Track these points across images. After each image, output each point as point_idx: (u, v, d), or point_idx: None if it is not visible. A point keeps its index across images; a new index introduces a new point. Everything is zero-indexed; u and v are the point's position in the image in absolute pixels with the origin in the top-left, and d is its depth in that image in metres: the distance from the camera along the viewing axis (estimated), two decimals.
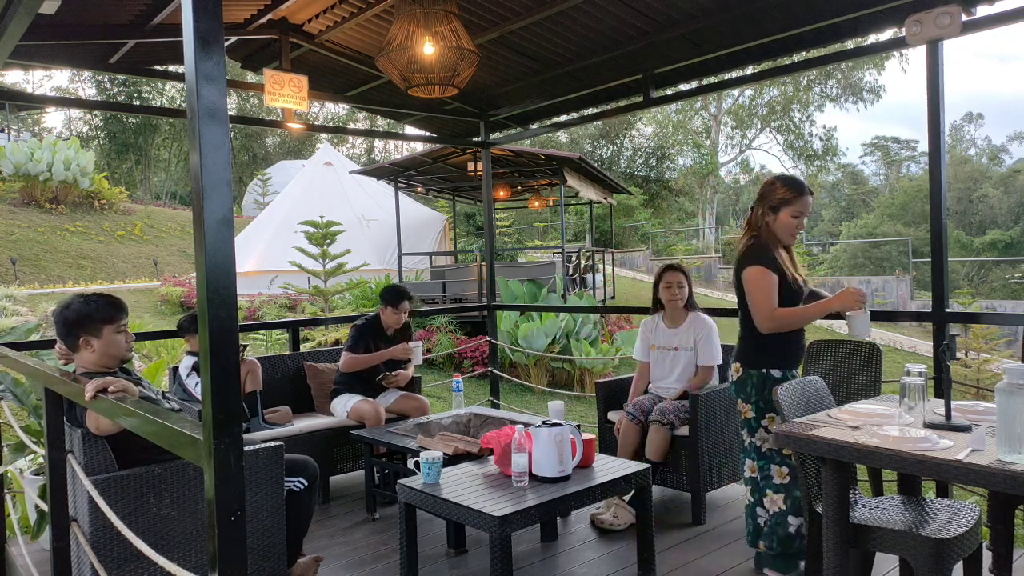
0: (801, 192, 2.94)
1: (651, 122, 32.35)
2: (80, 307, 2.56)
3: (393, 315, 4.45)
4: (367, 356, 4.36)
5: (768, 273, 2.89)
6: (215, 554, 1.27)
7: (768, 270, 2.90)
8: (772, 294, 2.89)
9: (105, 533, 2.36)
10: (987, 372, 10.80)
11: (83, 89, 30.62)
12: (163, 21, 4.24)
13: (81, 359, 2.59)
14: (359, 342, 4.38)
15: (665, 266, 4.03)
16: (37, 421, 3.85)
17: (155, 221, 21.46)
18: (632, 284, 21.41)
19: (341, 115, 34.54)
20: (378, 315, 4.49)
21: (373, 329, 4.45)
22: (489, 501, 2.65)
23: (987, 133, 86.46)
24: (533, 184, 14.97)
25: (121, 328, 2.60)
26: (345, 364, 4.33)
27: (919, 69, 5.57)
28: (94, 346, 2.56)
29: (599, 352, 11.06)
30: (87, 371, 2.56)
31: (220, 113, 1.24)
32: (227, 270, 1.26)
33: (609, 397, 4.23)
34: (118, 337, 2.59)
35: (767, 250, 2.93)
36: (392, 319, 4.46)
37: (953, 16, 3.27)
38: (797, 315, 2.91)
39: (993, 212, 33.54)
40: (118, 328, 2.59)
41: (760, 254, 2.93)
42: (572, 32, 4.49)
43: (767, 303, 2.88)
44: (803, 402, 2.66)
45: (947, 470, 1.91)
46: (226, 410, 1.25)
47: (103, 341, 2.56)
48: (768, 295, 2.88)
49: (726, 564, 3.19)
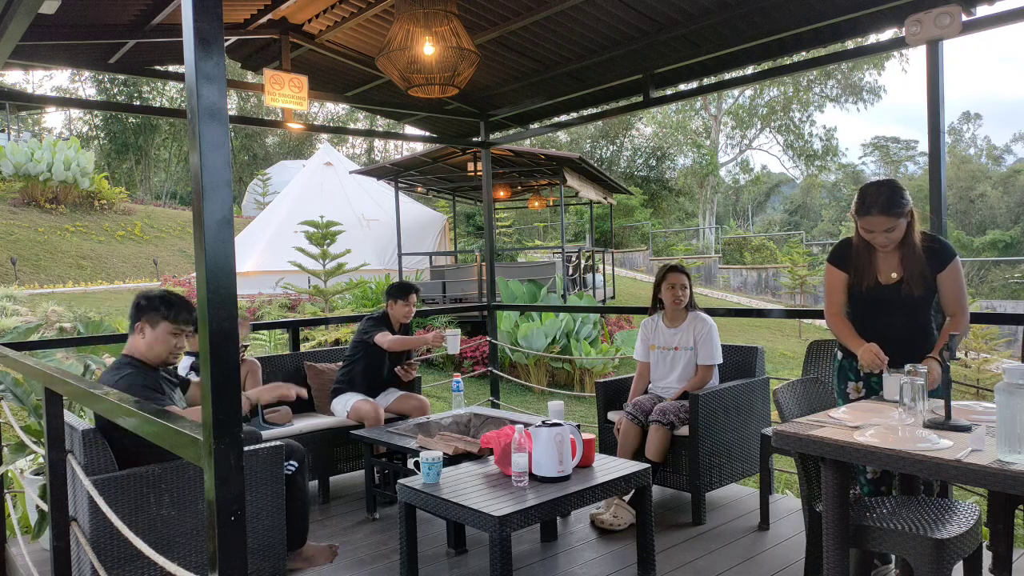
0: (862, 212, 2.69)
1: (651, 122, 32.35)
2: (155, 296, 2.72)
3: (403, 307, 4.47)
4: (410, 338, 4.41)
5: (832, 271, 2.87)
6: (215, 554, 1.27)
7: (834, 268, 2.87)
8: (831, 292, 2.88)
9: (105, 533, 2.36)
10: (987, 372, 10.80)
11: (83, 89, 30.62)
12: (163, 21, 4.24)
13: (132, 342, 2.72)
14: (385, 327, 4.41)
15: (668, 267, 4.02)
16: (37, 421, 3.85)
17: (155, 221, 21.45)
18: (632, 284, 21.42)
19: (341, 115, 34.54)
20: (385, 312, 4.50)
21: (385, 322, 4.47)
22: (489, 501, 2.65)
23: (987, 133, 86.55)
24: (533, 184, 14.97)
25: (179, 332, 2.70)
26: (392, 344, 4.32)
27: (919, 69, 5.57)
28: (146, 335, 2.69)
29: (599, 352, 11.06)
30: (132, 358, 2.70)
31: (220, 113, 1.24)
32: (227, 270, 1.26)
33: (609, 397, 4.23)
34: (171, 339, 2.69)
35: (847, 247, 2.85)
36: (401, 312, 4.47)
37: (953, 16, 3.27)
38: (837, 327, 2.86)
39: (993, 212, 33.54)
40: (176, 331, 2.70)
41: (838, 250, 2.90)
42: (572, 32, 4.49)
43: (826, 300, 2.90)
44: (803, 402, 2.67)
45: (947, 470, 1.91)
46: (226, 410, 1.25)
47: (155, 334, 2.68)
48: (827, 292, 2.90)
49: (726, 564, 3.19)
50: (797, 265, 21.44)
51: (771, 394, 3.75)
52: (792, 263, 21.69)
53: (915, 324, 2.77)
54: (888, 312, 2.79)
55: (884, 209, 2.63)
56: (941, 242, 2.77)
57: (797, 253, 22.57)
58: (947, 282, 2.70)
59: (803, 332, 17.13)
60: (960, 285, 2.72)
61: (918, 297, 2.73)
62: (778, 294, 21.94)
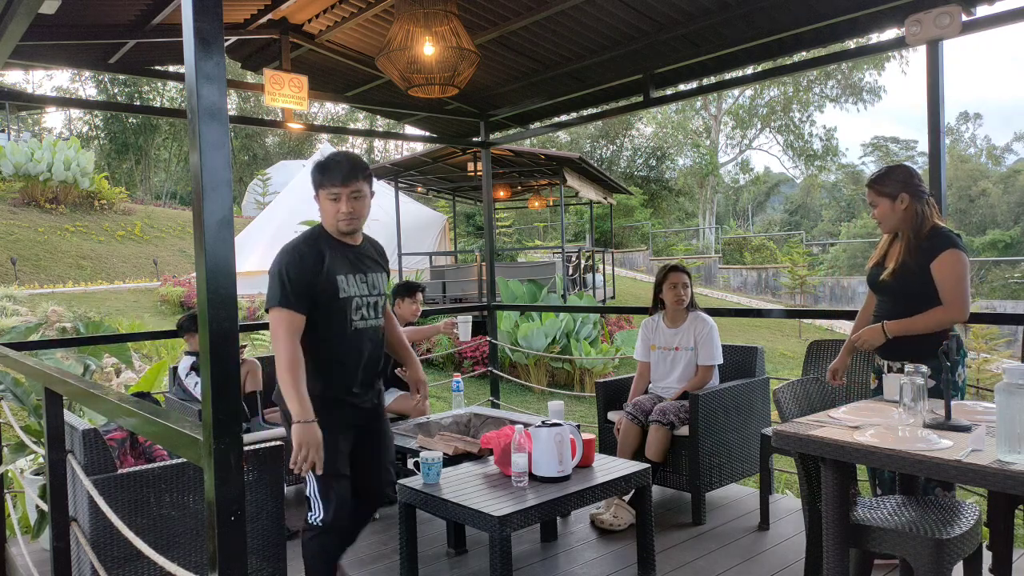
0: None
1: (651, 122, 32.35)
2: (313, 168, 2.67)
3: (411, 306, 4.52)
4: (423, 328, 4.48)
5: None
6: (215, 554, 1.27)
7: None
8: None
9: (105, 533, 2.36)
10: (987, 372, 10.79)
11: (84, 89, 30.62)
12: (163, 21, 4.24)
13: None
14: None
15: (669, 267, 4.02)
16: (37, 421, 3.85)
17: (155, 221, 21.44)
18: (632, 284, 21.41)
19: (341, 115, 34.52)
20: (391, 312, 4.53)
21: None
22: (489, 501, 2.65)
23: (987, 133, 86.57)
24: (533, 184, 14.97)
25: (332, 196, 2.60)
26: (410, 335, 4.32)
27: (919, 70, 5.57)
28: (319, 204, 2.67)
29: (599, 352, 11.06)
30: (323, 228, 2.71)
31: (220, 113, 1.23)
32: (227, 270, 1.26)
33: (609, 397, 4.23)
34: (329, 203, 2.61)
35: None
36: (409, 310, 4.52)
37: (953, 16, 3.27)
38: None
39: (993, 212, 33.54)
40: (328, 194, 2.60)
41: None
42: (572, 32, 4.49)
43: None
44: (803, 402, 2.67)
45: (947, 470, 1.91)
46: (226, 410, 1.25)
47: (320, 201, 2.65)
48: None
49: (726, 564, 3.19)
50: (797, 265, 21.43)
51: (771, 394, 3.75)
52: (792, 263, 21.69)
53: (903, 316, 2.75)
54: (884, 302, 2.88)
55: (869, 182, 2.90)
56: (942, 234, 2.74)
57: (797, 253, 22.57)
58: (936, 272, 2.69)
59: (803, 332, 17.13)
60: (949, 276, 2.67)
61: (907, 288, 2.75)
62: (778, 294, 21.94)
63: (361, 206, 2.62)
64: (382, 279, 2.79)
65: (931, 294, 2.69)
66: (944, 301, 2.66)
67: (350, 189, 2.57)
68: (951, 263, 2.66)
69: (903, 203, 2.76)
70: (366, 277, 2.70)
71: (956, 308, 2.65)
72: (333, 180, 2.57)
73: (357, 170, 2.59)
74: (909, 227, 2.76)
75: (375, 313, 2.72)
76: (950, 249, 2.68)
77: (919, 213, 2.75)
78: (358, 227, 2.68)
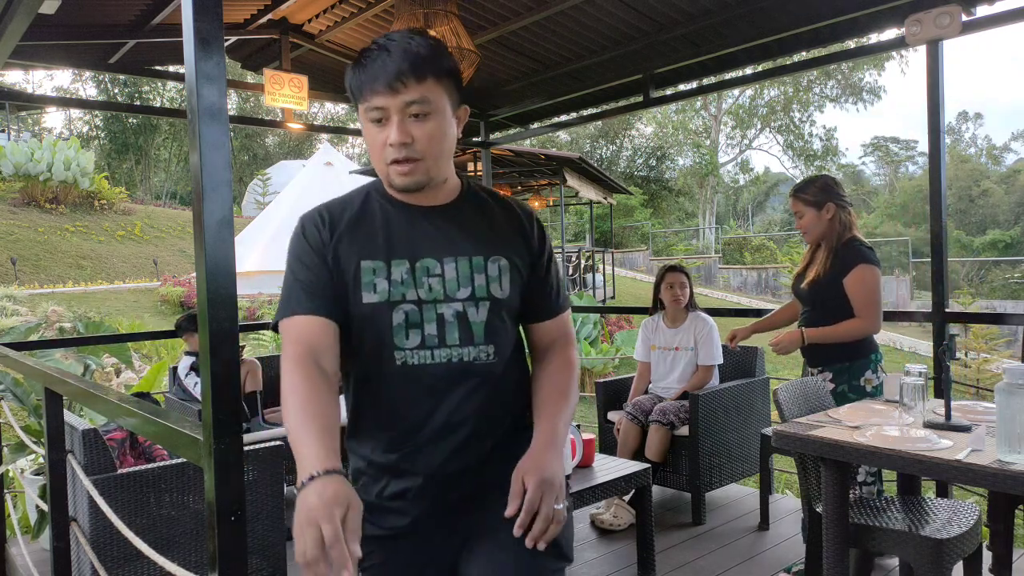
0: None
1: (651, 122, 32.36)
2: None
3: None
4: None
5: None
6: (215, 554, 1.27)
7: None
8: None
9: (105, 533, 2.36)
10: (987, 372, 10.79)
11: (84, 89, 30.63)
12: (163, 21, 4.24)
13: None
14: None
15: (667, 267, 4.03)
16: (37, 421, 3.85)
17: (155, 221, 21.44)
18: (632, 284, 21.41)
19: (341, 115, 34.53)
20: None
21: None
22: None
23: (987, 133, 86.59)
24: (533, 184, 14.98)
25: (374, 115, 1.37)
26: None
27: (919, 70, 5.57)
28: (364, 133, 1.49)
29: (599, 352, 11.05)
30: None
31: (220, 113, 1.23)
32: (227, 270, 1.26)
33: (609, 397, 4.23)
34: (370, 130, 1.39)
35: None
36: None
37: (953, 16, 3.27)
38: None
39: (993, 211, 33.55)
40: (368, 111, 1.37)
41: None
42: (572, 32, 4.49)
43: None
44: (803, 402, 2.67)
45: (947, 470, 1.91)
46: (226, 410, 1.25)
47: (363, 127, 1.43)
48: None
49: (726, 564, 3.19)
50: (797, 265, 21.43)
51: (771, 394, 3.75)
52: (792, 263, 21.69)
53: (820, 324, 2.91)
54: (806, 310, 3.02)
55: (794, 192, 3.02)
56: (855, 249, 2.87)
57: (797, 253, 22.57)
58: (848, 287, 2.84)
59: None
60: (861, 291, 2.82)
61: (823, 299, 2.90)
62: (778, 294, 21.93)
63: (432, 130, 1.36)
64: (501, 267, 1.44)
65: (846, 306, 2.84)
66: (857, 314, 2.82)
67: (403, 98, 1.33)
68: (862, 278, 2.81)
69: (829, 212, 2.91)
70: (441, 265, 1.41)
71: (869, 321, 2.82)
72: (374, 83, 1.34)
73: (419, 64, 1.34)
74: (832, 236, 2.91)
75: (460, 336, 1.40)
76: (861, 264, 2.82)
77: (842, 222, 2.91)
78: (429, 171, 1.39)
